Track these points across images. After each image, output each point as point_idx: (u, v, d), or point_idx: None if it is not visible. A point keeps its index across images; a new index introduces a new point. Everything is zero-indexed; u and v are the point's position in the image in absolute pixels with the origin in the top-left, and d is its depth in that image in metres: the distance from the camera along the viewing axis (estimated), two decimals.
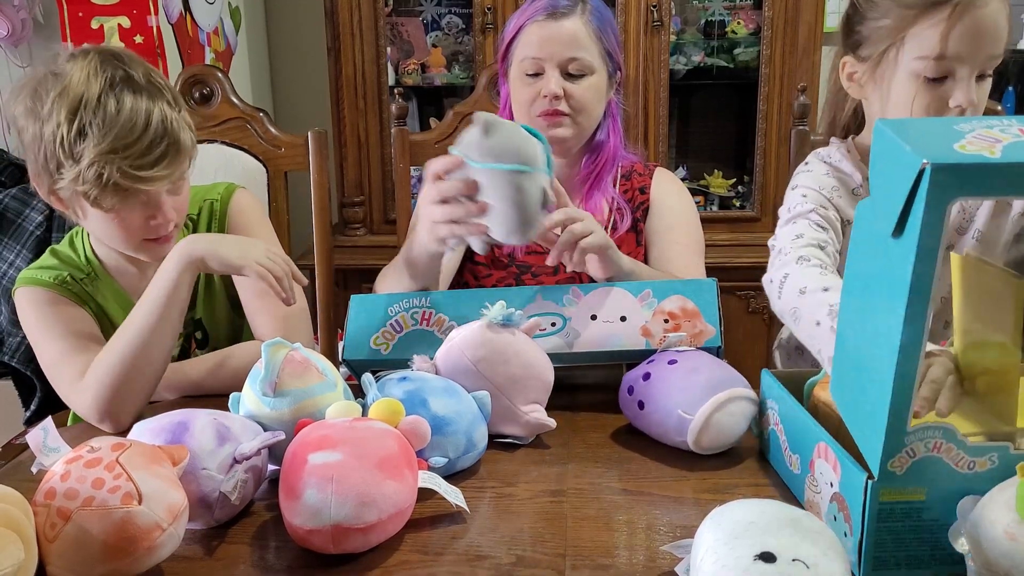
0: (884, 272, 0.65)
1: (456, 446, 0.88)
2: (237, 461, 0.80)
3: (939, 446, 0.67)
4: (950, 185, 0.58)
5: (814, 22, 2.26)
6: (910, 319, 0.61)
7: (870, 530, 0.69)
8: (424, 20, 2.62)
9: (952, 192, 0.58)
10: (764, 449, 0.93)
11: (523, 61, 1.27)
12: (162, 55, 2.00)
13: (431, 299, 1.11)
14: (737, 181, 2.61)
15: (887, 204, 0.63)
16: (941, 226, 0.59)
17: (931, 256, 0.60)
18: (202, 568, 0.75)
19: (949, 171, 0.58)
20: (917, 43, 1.07)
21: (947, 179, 0.58)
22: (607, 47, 1.27)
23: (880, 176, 0.66)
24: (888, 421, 0.65)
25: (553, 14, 1.24)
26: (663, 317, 1.05)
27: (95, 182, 1.00)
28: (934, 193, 0.58)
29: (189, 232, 1.22)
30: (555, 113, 1.25)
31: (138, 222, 1.07)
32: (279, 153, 1.53)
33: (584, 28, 1.24)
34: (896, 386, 0.64)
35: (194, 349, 1.25)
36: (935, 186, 0.58)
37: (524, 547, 0.76)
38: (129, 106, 1.01)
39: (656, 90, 2.32)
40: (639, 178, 1.36)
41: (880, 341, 0.65)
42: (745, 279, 2.30)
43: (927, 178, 0.58)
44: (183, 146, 1.06)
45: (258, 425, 0.86)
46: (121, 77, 1.03)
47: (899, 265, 0.62)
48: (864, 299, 0.70)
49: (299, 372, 0.88)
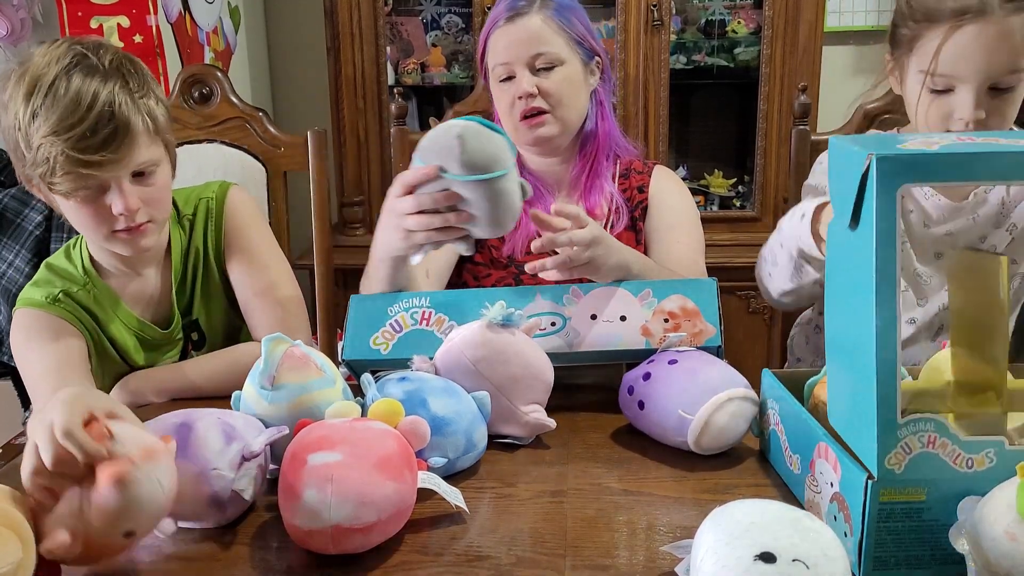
0: (851, 265, 0.70)
1: (456, 446, 0.88)
2: (246, 458, 0.80)
3: (933, 440, 0.67)
4: (895, 172, 0.65)
5: (814, 21, 2.26)
6: (881, 303, 0.65)
7: (870, 530, 0.69)
8: (424, 20, 2.62)
9: (898, 178, 0.65)
10: (765, 449, 0.93)
11: (495, 69, 1.28)
12: (161, 55, 2.00)
13: (431, 299, 1.10)
14: (737, 181, 2.61)
15: (844, 201, 0.70)
16: (894, 212, 0.65)
17: (890, 240, 0.65)
18: (202, 568, 0.75)
19: (892, 160, 0.65)
20: (919, 56, 1.09)
21: (891, 167, 0.65)
22: (574, 36, 1.27)
23: (836, 181, 0.73)
24: (878, 412, 0.66)
25: (511, 17, 1.26)
26: (663, 317, 1.05)
27: (44, 165, 0.98)
28: (882, 181, 0.65)
29: (184, 231, 1.21)
30: (535, 113, 1.25)
31: (101, 210, 1.04)
32: (279, 153, 1.53)
33: (543, 23, 1.25)
34: (880, 372, 0.66)
35: (191, 351, 1.24)
36: (882, 174, 0.65)
37: (524, 547, 0.76)
38: (76, 87, 0.98)
39: (656, 90, 2.32)
40: (638, 176, 1.35)
41: (860, 336, 0.68)
42: (745, 279, 2.28)
43: (874, 167, 0.65)
44: (133, 131, 1.01)
45: (259, 422, 0.86)
46: (79, 61, 1.00)
47: (862, 253, 0.67)
48: (842, 299, 0.74)
49: (297, 367, 0.88)
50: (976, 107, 1.06)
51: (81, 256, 1.17)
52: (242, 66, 2.55)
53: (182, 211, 1.22)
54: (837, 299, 0.76)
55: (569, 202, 1.32)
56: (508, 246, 1.30)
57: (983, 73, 1.05)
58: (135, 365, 1.19)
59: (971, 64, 1.05)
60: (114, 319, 1.16)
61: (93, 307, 1.15)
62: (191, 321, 1.23)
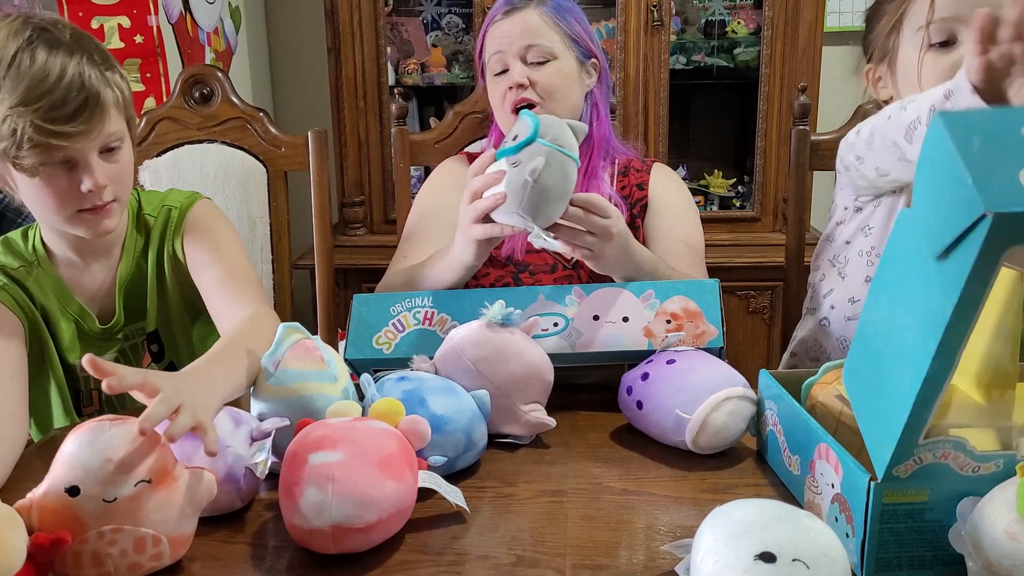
0: (921, 296, 0.61)
1: (455, 445, 0.88)
2: (255, 439, 0.84)
3: (947, 455, 0.67)
4: (1012, 234, 0.52)
5: (814, 22, 2.26)
6: (941, 354, 0.59)
7: (872, 531, 0.69)
8: (424, 20, 2.62)
9: (1011, 241, 0.52)
10: (762, 450, 0.93)
11: (490, 62, 1.30)
12: (162, 55, 2.00)
13: (433, 298, 1.11)
14: (737, 181, 2.61)
15: (935, 226, 0.58)
16: (992, 272, 0.54)
17: (976, 299, 0.55)
18: (202, 568, 0.75)
19: (1012, 220, 0.51)
20: (913, 16, 1.08)
21: (1009, 227, 0.51)
22: (570, 33, 1.29)
23: (928, 184, 0.59)
24: (901, 437, 0.65)
25: (508, 11, 1.29)
26: (665, 318, 1.05)
27: (10, 138, 0.95)
28: (991, 242, 0.52)
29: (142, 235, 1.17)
30: (525, 103, 1.26)
31: (67, 188, 1.01)
32: (279, 153, 1.53)
33: (539, 17, 1.27)
34: (914, 411, 0.63)
35: (149, 363, 1.20)
36: (994, 235, 0.51)
37: (524, 547, 0.76)
38: (43, 59, 0.96)
39: (656, 90, 2.32)
40: (636, 174, 1.35)
41: (905, 361, 0.63)
42: (745, 279, 2.30)
43: (986, 227, 0.52)
44: (103, 102, 0.99)
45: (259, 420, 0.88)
46: (39, 35, 0.98)
47: (939, 297, 0.58)
48: (895, 311, 0.68)
49: (302, 356, 0.90)
50: None
51: (34, 238, 1.14)
52: (243, 66, 2.55)
53: (144, 210, 1.18)
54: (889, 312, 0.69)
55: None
56: (507, 247, 1.30)
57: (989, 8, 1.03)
58: (67, 362, 1.15)
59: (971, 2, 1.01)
60: (55, 305, 1.12)
61: (33, 289, 1.11)
62: (151, 332, 1.19)
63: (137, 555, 0.69)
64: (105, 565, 0.69)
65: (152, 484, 0.70)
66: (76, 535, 0.67)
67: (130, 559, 0.69)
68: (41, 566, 0.67)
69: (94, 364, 0.73)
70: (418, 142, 1.56)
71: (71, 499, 0.68)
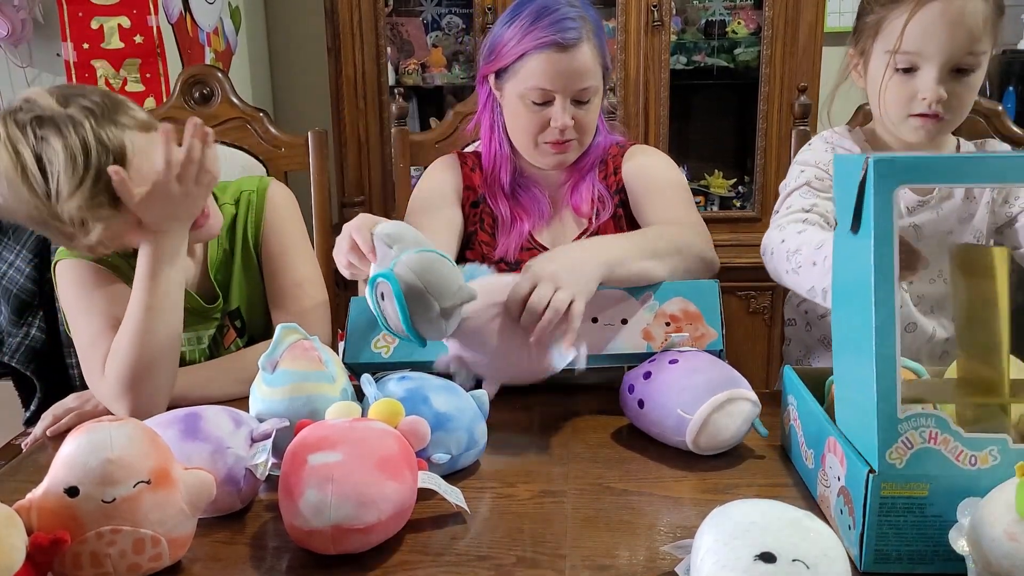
0: (853, 266, 0.73)
1: (458, 442, 0.88)
2: (255, 440, 0.84)
3: (935, 436, 0.68)
4: (891, 174, 0.69)
5: (814, 22, 2.26)
6: (880, 301, 0.68)
7: (871, 523, 0.70)
8: (424, 20, 2.62)
9: (894, 180, 0.69)
10: (785, 445, 0.94)
11: (531, 90, 1.22)
12: (162, 55, 2.00)
13: None
14: (737, 181, 2.61)
15: (845, 206, 0.73)
16: (891, 212, 0.68)
17: (887, 239, 0.68)
18: (202, 569, 0.75)
19: (889, 163, 0.69)
20: (884, 38, 1.13)
21: (888, 169, 0.69)
22: (605, 63, 1.26)
23: (840, 188, 0.76)
24: (878, 406, 0.68)
25: (563, 47, 1.18)
26: (664, 320, 1.05)
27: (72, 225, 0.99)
28: (879, 183, 0.68)
29: (227, 218, 1.22)
30: (564, 142, 1.25)
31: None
32: (279, 153, 1.53)
33: (591, 53, 1.21)
34: (879, 366, 0.68)
35: (235, 338, 1.26)
36: (879, 176, 0.69)
37: (524, 547, 0.76)
38: (61, 145, 0.96)
39: (656, 90, 2.32)
40: (613, 160, 1.35)
41: (861, 330, 0.70)
42: (745, 279, 2.30)
43: (871, 170, 0.69)
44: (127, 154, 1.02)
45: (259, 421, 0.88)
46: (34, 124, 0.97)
47: (862, 254, 0.70)
48: (846, 301, 0.76)
49: (299, 357, 0.90)
50: (939, 83, 1.09)
51: None
52: (243, 66, 2.55)
53: (221, 199, 1.23)
54: (842, 302, 0.77)
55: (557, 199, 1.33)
56: (501, 248, 1.30)
57: (946, 52, 1.08)
58: None
59: (935, 41, 1.08)
60: None
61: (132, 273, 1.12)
62: (234, 309, 1.25)
63: (136, 556, 0.69)
64: (104, 566, 0.69)
65: (151, 485, 0.70)
66: (75, 536, 0.67)
67: (129, 560, 0.69)
68: (40, 566, 0.67)
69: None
70: (418, 142, 1.56)
71: (70, 499, 0.68)
